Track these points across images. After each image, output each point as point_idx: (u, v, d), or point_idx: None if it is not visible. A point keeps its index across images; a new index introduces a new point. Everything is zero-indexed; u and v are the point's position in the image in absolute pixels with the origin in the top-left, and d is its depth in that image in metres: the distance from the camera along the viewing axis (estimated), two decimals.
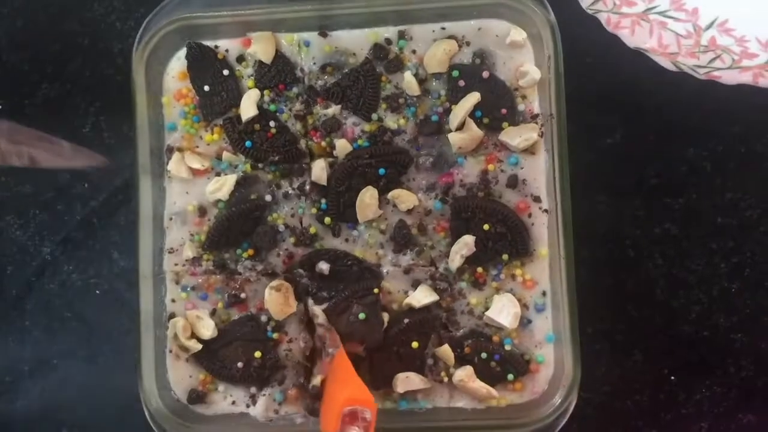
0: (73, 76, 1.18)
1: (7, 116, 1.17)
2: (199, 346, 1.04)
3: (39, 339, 1.18)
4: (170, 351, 1.05)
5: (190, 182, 1.06)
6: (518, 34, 1.02)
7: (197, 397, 1.05)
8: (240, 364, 1.04)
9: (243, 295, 1.05)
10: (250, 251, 1.05)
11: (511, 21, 1.02)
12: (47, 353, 1.18)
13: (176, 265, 1.06)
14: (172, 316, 1.05)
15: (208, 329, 1.04)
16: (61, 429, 1.18)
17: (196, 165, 1.05)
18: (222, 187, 1.04)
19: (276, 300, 1.03)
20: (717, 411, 1.12)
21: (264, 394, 1.04)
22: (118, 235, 1.17)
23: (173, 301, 1.06)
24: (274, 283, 1.03)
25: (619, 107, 1.12)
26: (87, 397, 1.17)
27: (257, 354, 1.04)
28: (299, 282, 1.06)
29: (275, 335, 1.04)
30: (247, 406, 1.05)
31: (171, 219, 1.06)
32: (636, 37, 1.02)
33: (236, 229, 1.05)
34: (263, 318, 1.05)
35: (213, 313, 1.05)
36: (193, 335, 1.05)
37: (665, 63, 1.02)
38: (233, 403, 1.05)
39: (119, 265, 1.17)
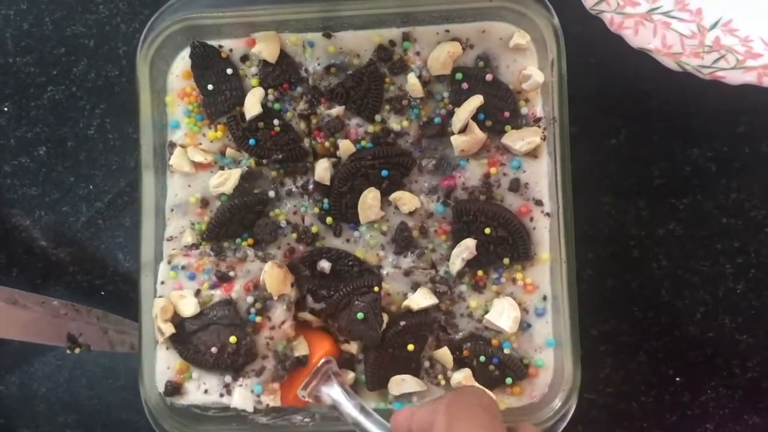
0: (79, 79, 1.18)
1: (14, 119, 1.18)
2: (172, 330, 1.01)
3: None
4: (154, 339, 1.04)
5: (192, 176, 1.06)
6: (521, 37, 1.01)
7: (172, 389, 1.03)
8: (214, 350, 1.01)
9: (232, 273, 1.03)
10: (250, 240, 1.06)
11: (515, 24, 1.02)
12: (52, 354, 1.19)
13: (173, 250, 1.06)
14: (159, 297, 1.04)
15: (189, 307, 1.02)
16: (65, 430, 1.19)
17: (199, 159, 1.05)
18: (226, 181, 1.05)
19: (276, 275, 1.01)
20: (722, 412, 1.12)
21: (240, 385, 1.02)
22: (123, 237, 1.18)
23: (162, 283, 1.04)
24: (278, 261, 1.03)
25: (623, 108, 1.12)
26: (92, 397, 1.18)
27: (232, 339, 1.01)
28: (300, 274, 1.05)
29: (257, 319, 1.01)
30: (221, 395, 1.02)
31: (172, 210, 1.07)
32: (639, 37, 1.01)
33: (237, 220, 1.05)
34: (249, 299, 1.01)
35: (197, 293, 1.03)
36: (174, 318, 1.02)
37: (669, 63, 1.01)
38: (206, 392, 1.02)
39: (124, 267, 1.17)
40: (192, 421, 1.04)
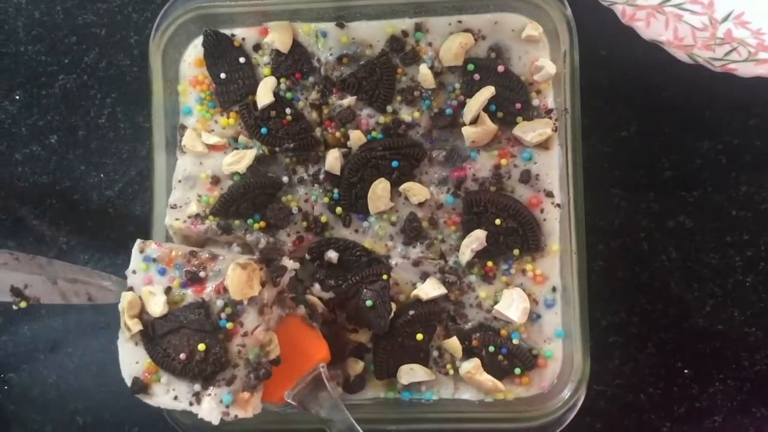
0: (90, 68, 1.19)
1: (25, 108, 1.19)
2: (139, 327, 0.98)
3: (55, 328, 1.20)
4: (120, 332, 1.00)
5: (204, 155, 1.07)
6: (534, 29, 1.02)
7: (140, 386, 0.99)
8: (183, 356, 0.97)
9: (202, 274, 0.98)
10: (262, 223, 1.06)
11: (528, 15, 1.03)
12: (62, 342, 1.19)
13: (177, 220, 1.06)
14: (130, 289, 1.00)
15: (158, 305, 0.98)
16: (74, 417, 1.19)
17: (213, 141, 1.06)
18: (241, 160, 1.05)
19: (239, 277, 0.96)
20: (731, 405, 1.12)
21: (209, 394, 0.97)
22: (133, 225, 1.18)
23: (134, 272, 1.00)
24: (242, 259, 0.98)
25: (634, 100, 1.12)
26: (101, 385, 1.18)
27: (201, 347, 0.96)
28: (277, 265, 1.02)
29: (229, 325, 0.96)
30: (190, 404, 0.98)
31: (180, 181, 1.07)
32: (651, 29, 1.02)
33: (250, 199, 1.05)
34: (219, 303, 0.97)
35: (168, 291, 0.99)
36: (142, 314, 0.99)
37: (681, 55, 1.02)
38: (175, 398, 0.99)
39: None
40: None
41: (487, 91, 1.01)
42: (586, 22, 1.04)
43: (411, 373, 1.04)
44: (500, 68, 1.02)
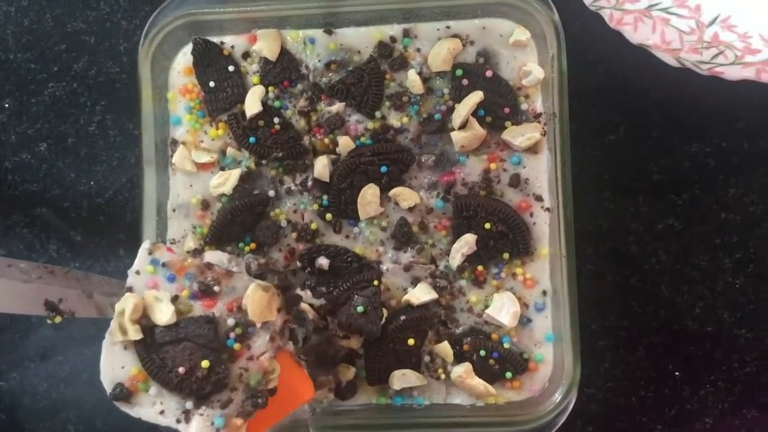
0: (80, 75, 1.18)
1: (15, 116, 1.18)
2: (139, 335, 0.93)
3: (45, 336, 1.19)
4: (109, 332, 0.95)
5: (194, 175, 1.07)
6: (522, 34, 1.02)
7: (122, 394, 0.94)
8: (181, 370, 0.93)
9: (216, 288, 0.95)
10: (253, 245, 1.06)
11: (516, 20, 1.03)
12: (53, 350, 1.19)
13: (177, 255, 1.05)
14: (129, 290, 0.96)
15: (165, 314, 0.94)
16: (66, 425, 1.19)
17: (204, 159, 1.06)
18: (226, 181, 1.05)
19: (259, 300, 0.94)
20: (721, 406, 1.13)
21: (201, 414, 0.93)
22: (123, 232, 1.18)
23: (137, 273, 0.97)
24: (264, 282, 0.97)
25: (622, 104, 1.12)
26: (93, 393, 1.18)
27: (204, 363, 0.93)
28: (292, 293, 1.04)
29: (236, 345, 0.94)
30: (178, 421, 0.94)
31: (174, 210, 1.07)
32: (639, 33, 1.02)
33: (239, 223, 1.05)
34: (230, 321, 0.94)
35: (175, 300, 0.96)
36: (142, 319, 0.94)
37: (668, 59, 1.02)
38: (162, 413, 0.94)
39: (125, 263, 1.17)
40: None
41: (476, 96, 1.02)
42: (574, 27, 1.04)
43: (403, 378, 1.04)
44: (488, 73, 1.03)
